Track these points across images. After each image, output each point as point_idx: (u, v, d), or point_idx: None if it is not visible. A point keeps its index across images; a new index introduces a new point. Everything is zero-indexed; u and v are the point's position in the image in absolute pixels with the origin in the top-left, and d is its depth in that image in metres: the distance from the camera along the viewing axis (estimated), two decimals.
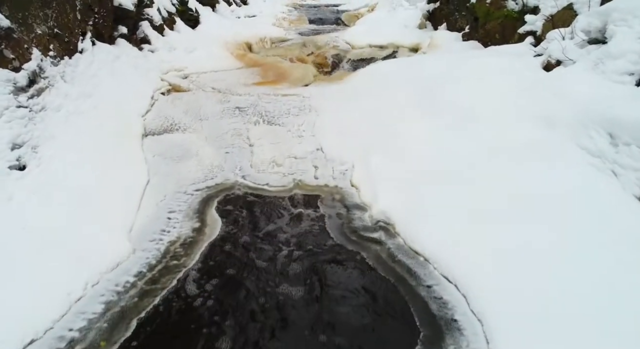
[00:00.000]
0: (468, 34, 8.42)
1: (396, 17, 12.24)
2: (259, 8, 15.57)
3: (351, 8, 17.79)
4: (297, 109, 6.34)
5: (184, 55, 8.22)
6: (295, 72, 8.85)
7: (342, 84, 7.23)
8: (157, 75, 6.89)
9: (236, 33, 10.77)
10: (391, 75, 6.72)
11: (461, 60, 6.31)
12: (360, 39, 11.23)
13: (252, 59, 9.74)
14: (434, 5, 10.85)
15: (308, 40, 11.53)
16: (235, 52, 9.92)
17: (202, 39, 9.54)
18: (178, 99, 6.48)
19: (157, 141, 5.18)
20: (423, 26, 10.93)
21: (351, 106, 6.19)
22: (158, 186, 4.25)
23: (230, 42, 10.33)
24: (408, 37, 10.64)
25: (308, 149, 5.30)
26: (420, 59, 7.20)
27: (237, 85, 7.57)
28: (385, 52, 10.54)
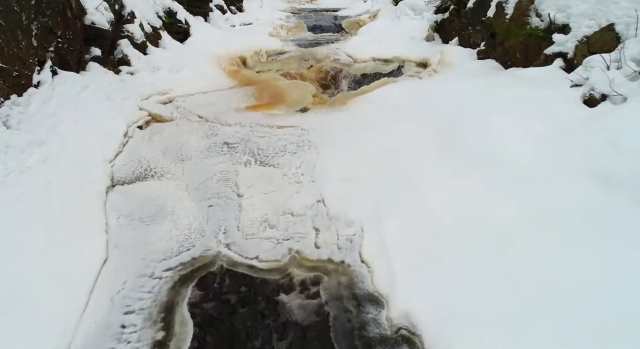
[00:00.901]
0: (484, 52, 7.47)
1: (401, 27, 11.29)
2: (255, 15, 14.61)
3: (352, 14, 16.83)
4: (295, 146, 5.40)
5: (170, 76, 7.27)
6: (293, 92, 7.90)
7: (346, 112, 6.29)
8: (136, 103, 5.95)
9: (229, 46, 9.81)
10: (403, 104, 5.79)
11: (485, 90, 5.38)
12: (363, 52, 10.29)
13: (247, 76, 8.79)
14: (442, 16, 9.90)
15: (307, 53, 10.59)
16: (228, 69, 8.97)
17: (191, 55, 8.58)
18: (157, 134, 5.54)
19: (126, 195, 4.23)
20: (431, 38, 9.98)
21: (357, 143, 5.26)
22: (118, 266, 3.32)
23: (222, 56, 9.38)
24: (415, 51, 9.70)
25: (307, 201, 4.37)
26: (435, 84, 6.26)
27: (227, 112, 6.62)
28: (390, 67, 9.61)
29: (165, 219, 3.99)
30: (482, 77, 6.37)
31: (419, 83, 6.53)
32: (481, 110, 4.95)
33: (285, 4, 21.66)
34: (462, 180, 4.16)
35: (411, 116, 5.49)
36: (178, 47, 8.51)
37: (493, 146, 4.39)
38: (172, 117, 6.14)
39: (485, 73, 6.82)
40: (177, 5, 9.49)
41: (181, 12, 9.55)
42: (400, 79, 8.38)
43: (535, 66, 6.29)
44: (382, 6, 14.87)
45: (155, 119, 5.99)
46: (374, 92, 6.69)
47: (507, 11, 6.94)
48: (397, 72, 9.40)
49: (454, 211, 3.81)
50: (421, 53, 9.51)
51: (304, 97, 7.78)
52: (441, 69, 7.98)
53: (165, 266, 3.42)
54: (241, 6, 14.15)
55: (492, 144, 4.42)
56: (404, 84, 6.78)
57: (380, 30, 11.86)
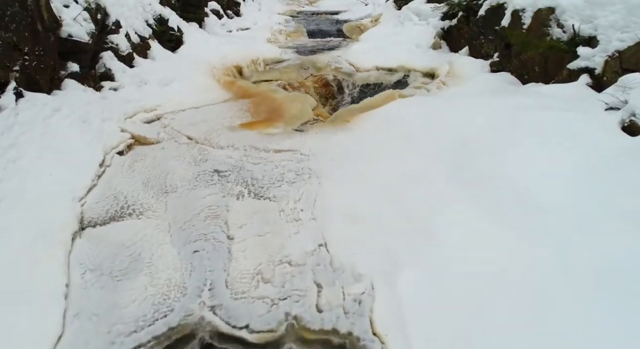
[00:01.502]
0: (498, 64, 6.84)
1: (405, 33, 10.64)
2: (253, 19, 13.96)
3: (352, 17, 16.18)
4: (293, 174, 4.77)
5: (158, 90, 6.63)
6: (291, 106, 7.27)
7: (349, 132, 5.65)
8: (118, 124, 5.31)
9: (224, 54, 9.16)
10: (413, 125, 5.15)
11: (505, 112, 4.75)
12: (365, 60, 9.65)
13: (242, 87, 8.15)
14: (449, 22, 9.27)
15: (306, 61, 9.94)
16: (222, 79, 8.33)
17: (182, 66, 7.94)
18: (139, 160, 4.90)
19: (97, 241, 3.60)
20: (437, 46, 9.34)
21: (363, 171, 4.63)
22: (75, 345, 2.68)
23: (217, 66, 8.74)
24: (421, 60, 9.07)
25: (307, 246, 3.74)
26: (447, 101, 5.62)
27: (219, 131, 5.99)
28: (395, 77, 8.98)
29: (141, 272, 3.36)
30: (499, 93, 5.74)
31: (429, 100, 5.89)
32: (503, 138, 4.33)
33: (284, 6, 21.03)
34: (485, 224, 3.54)
35: (422, 141, 4.86)
36: (169, 57, 7.87)
37: (519, 183, 3.77)
38: (158, 138, 5.51)
39: (501, 88, 6.19)
40: (168, 12, 8.85)
41: (173, 18, 8.90)
42: (406, 90, 7.75)
43: (557, 81, 5.67)
44: (384, 10, 14.22)
45: (139, 141, 5.35)
46: (379, 109, 6.05)
47: (524, 20, 6.30)
48: (402, 83, 8.77)
49: (480, 263, 3.19)
50: (427, 62, 8.88)
51: (303, 111, 7.15)
52: (451, 81, 7.34)
53: (134, 342, 2.78)
54: (238, 10, 13.50)
55: (518, 181, 3.80)
56: (412, 100, 6.14)
57: (383, 36, 11.22)
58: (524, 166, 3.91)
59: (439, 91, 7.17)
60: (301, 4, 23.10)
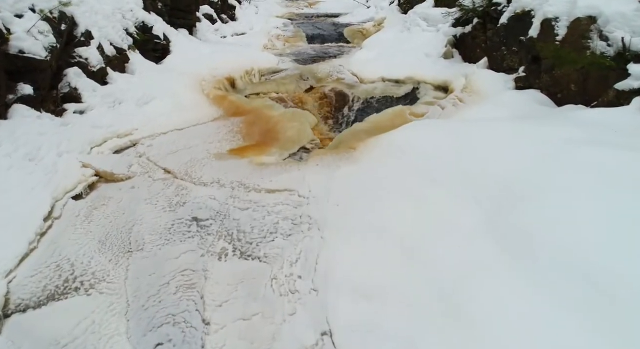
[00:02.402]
0: (524, 79, 5.89)
1: (412, 40, 9.68)
2: (249, 23, 12.99)
3: (354, 21, 15.22)
4: (290, 223, 3.82)
5: (135, 111, 5.68)
6: (288, 127, 6.32)
7: (357, 164, 4.70)
8: (79, 157, 4.35)
9: (216, 65, 8.20)
10: (435, 159, 4.20)
11: (545, 146, 3.80)
12: (370, 70, 8.71)
13: (234, 103, 7.20)
14: (462, 29, 8.30)
15: (306, 71, 8.99)
16: (212, 93, 7.37)
17: (167, 79, 6.98)
18: (100, 207, 3.95)
19: (21, 338, 2.65)
20: (449, 55, 8.38)
21: (377, 220, 3.68)
22: None
23: (207, 78, 7.78)
24: (431, 70, 8.11)
25: (307, 336, 2.82)
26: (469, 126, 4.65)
27: (204, 160, 5.04)
28: (402, 90, 8.02)
29: None
30: (535, 120, 4.79)
31: (449, 125, 4.92)
32: (551, 183, 3.38)
33: (282, 9, 20.08)
34: (541, 307, 2.61)
35: (447, 180, 3.91)
36: (151, 70, 6.90)
37: (580, 251, 2.82)
38: (129, 173, 4.55)
39: (533, 110, 5.24)
40: (153, 18, 7.87)
41: (159, 25, 7.93)
42: (417, 107, 6.80)
43: (600, 104, 4.72)
44: (387, 14, 13.27)
45: (105, 178, 4.39)
46: (390, 134, 5.09)
47: (558, 30, 5.35)
48: (412, 97, 7.81)
49: None
50: (439, 73, 7.92)
51: (301, 133, 6.20)
52: (469, 98, 6.38)
53: None
54: (233, 14, 12.53)
55: (579, 247, 2.85)
56: (429, 124, 5.17)
57: (388, 42, 10.26)
58: (583, 227, 2.96)
59: (456, 110, 6.21)
60: (300, 6, 22.15)
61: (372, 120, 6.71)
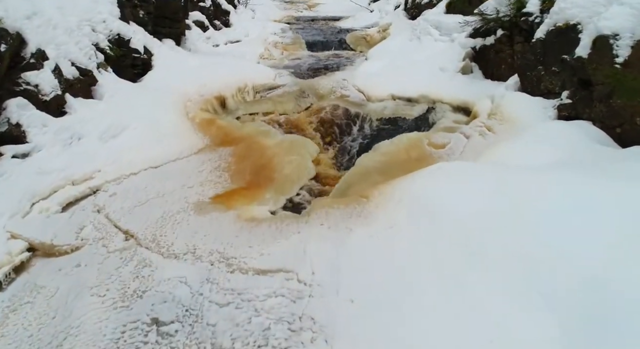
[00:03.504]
0: (570, 107, 4.77)
1: (423, 51, 8.54)
2: (244, 30, 11.84)
3: (356, 26, 14.06)
4: (286, 329, 2.72)
5: (99, 147, 4.56)
6: (285, 161, 5.21)
7: (373, 224, 3.60)
8: (8, 223, 3.23)
9: (204, 81, 7.07)
10: (476, 229, 3.08)
11: None
12: (378, 85, 7.59)
13: (223, 129, 6.07)
14: (483, 41, 7.16)
15: (305, 86, 7.87)
16: (198, 117, 6.24)
17: (145, 102, 5.85)
18: (22, 308, 2.83)
19: None
20: (468, 71, 7.24)
21: (407, 331, 2.55)
22: None
23: (193, 98, 6.65)
24: (448, 88, 6.99)
25: None
26: (525, 180, 3.51)
27: (179, 215, 3.93)
28: (416, 110, 6.91)
29: None
30: (597, 164, 3.66)
31: (490, 175, 3.78)
32: None
33: (281, 11, 18.93)
34: None
35: (496, 264, 2.80)
36: (126, 91, 5.77)
37: None
38: (77, 242, 3.43)
39: (588, 150, 4.11)
40: (133, 29, 6.73)
41: (138, 37, 6.79)
42: (436, 135, 5.68)
43: None
44: (393, 19, 12.12)
45: (43, 251, 3.27)
46: (410, 181, 3.98)
47: (617, 50, 4.22)
48: (427, 119, 6.70)
49: None
50: (457, 92, 6.80)
51: (301, 170, 5.09)
52: (499, 127, 5.26)
53: None
54: (227, 20, 11.37)
55: None
56: (462, 172, 4.03)
57: (397, 52, 9.12)
58: None
59: (485, 142, 5.10)
60: (299, 8, 20.98)
61: (385, 151, 5.58)
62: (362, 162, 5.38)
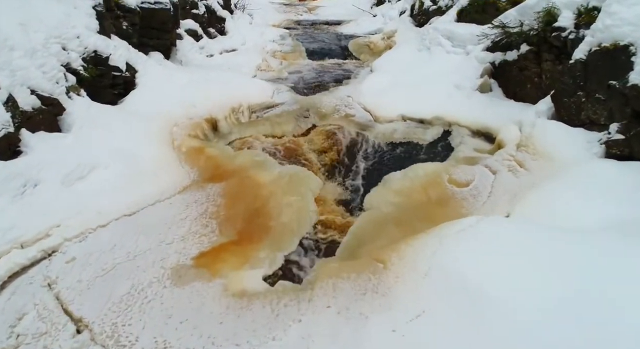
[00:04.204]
0: (622, 144, 3.94)
1: (434, 64, 7.70)
2: (241, 37, 10.97)
3: (359, 32, 13.19)
4: None
5: (60, 193, 3.72)
6: (284, 203, 4.42)
7: (394, 308, 2.80)
8: None
9: (194, 101, 6.23)
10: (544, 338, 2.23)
11: None
12: (386, 104, 6.76)
13: (213, 159, 5.24)
14: (502, 55, 6.32)
15: (306, 104, 7.05)
16: (185, 145, 5.40)
17: (123, 130, 5.01)
18: None
19: None
20: (487, 89, 6.41)
21: None
22: None
23: (180, 121, 5.81)
24: (466, 109, 6.16)
25: None
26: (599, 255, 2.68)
27: (150, 291, 3.13)
28: (430, 134, 6.08)
29: None
30: None
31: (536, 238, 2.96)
32: None
33: (280, 15, 18.06)
34: None
35: None
36: (100, 119, 4.93)
37: None
38: (8, 343, 2.58)
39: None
40: (113, 43, 5.89)
41: (120, 53, 5.94)
42: (457, 169, 4.86)
43: None
44: (398, 26, 11.25)
45: None
46: (442, 250, 3.15)
47: None
48: (444, 145, 5.86)
49: None
50: (477, 113, 5.97)
51: (302, 216, 4.29)
52: (533, 163, 4.43)
53: None
54: (223, 27, 10.51)
55: None
56: (499, 233, 3.19)
57: (405, 64, 8.27)
58: None
59: (517, 181, 4.28)
60: (299, 11, 20.10)
61: (398, 188, 4.76)
62: (373, 203, 4.55)
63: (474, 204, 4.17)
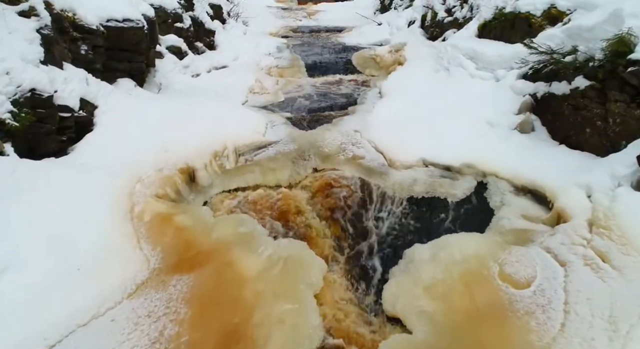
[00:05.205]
0: None
1: (457, 89, 6.32)
2: (234, 51, 9.57)
3: (363, 42, 11.74)
4: None
5: None
6: (273, 317, 3.12)
7: None
8: None
9: (166, 145, 4.85)
10: None
11: None
12: (402, 144, 5.43)
13: (184, 233, 3.90)
14: (546, 86, 4.95)
15: (306, 143, 5.69)
16: (149, 212, 4.04)
17: (56, 205, 3.64)
18: None
19: None
20: (528, 128, 5.04)
21: None
22: None
23: (146, 175, 4.44)
24: (505, 156, 4.82)
25: None
26: None
27: None
28: (460, 187, 4.75)
29: None
30: None
31: None
32: None
33: (278, 20, 16.60)
34: None
35: None
36: (29, 185, 3.55)
37: None
38: None
39: None
40: (63, 77, 4.51)
41: (72, 86, 4.57)
42: (498, 235, 3.50)
43: None
44: (408, 38, 9.84)
45: None
46: None
47: None
48: (479, 204, 4.49)
49: None
50: (519, 163, 4.63)
51: (299, 338, 2.87)
52: (622, 258, 3.08)
53: None
54: (212, 41, 9.10)
55: None
56: None
57: (421, 89, 6.89)
58: None
59: (608, 289, 2.90)
60: (298, 16, 18.63)
61: (429, 280, 3.48)
62: (397, 307, 3.24)
63: (547, 326, 2.80)
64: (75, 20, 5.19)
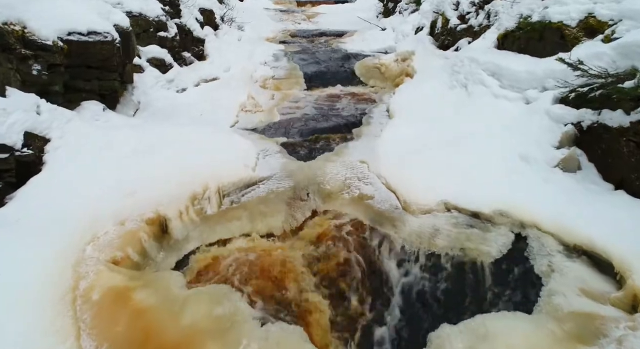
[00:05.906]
0: None
1: (478, 112, 5.33)
2: (226, 60, 8.57)
3: (366, 49, 10.74)
4: None
5: None
6: None
7: None
8: None
9: (133, 188, 3.85)
10: None
11: None
12: (417, 181, 4.44)
13: (143, 319, 2.95)
14: (594, 115, 3.96)
15: (304, 179, 4.71)
16: (99, 288, 3.04)
17: None
18: None
19: None
20: (573, 166, 4.05)
21: None
22: None
23: (104, 231, 3.45)
24: (546, 201, 3.81)
25: None
26: None
27: None
28: (495, 243, 3.74)
29: None
30: None
31: None
32: None
33: (276, 24, 15.58)
34: None
35: None
36: None
37: None
38: None
39: None
40: (2, 105, 3.48)
41: (13, 119, 3.61)
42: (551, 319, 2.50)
43: None
44: (416, 46, 8.84)
45: None
46: None
47: None
48: (520, 268, 3.49)
49: None
50: (567, 213, 3.66)
51: None
52: None
53: None
54: (202, 50, 8.09)
55: None
56: None
57: (434, 109, 5.91)
58: None
59: None
60: (297, 19, 17.59)
61: None
62: None
63: None
64: (25, 34, 4.19)
